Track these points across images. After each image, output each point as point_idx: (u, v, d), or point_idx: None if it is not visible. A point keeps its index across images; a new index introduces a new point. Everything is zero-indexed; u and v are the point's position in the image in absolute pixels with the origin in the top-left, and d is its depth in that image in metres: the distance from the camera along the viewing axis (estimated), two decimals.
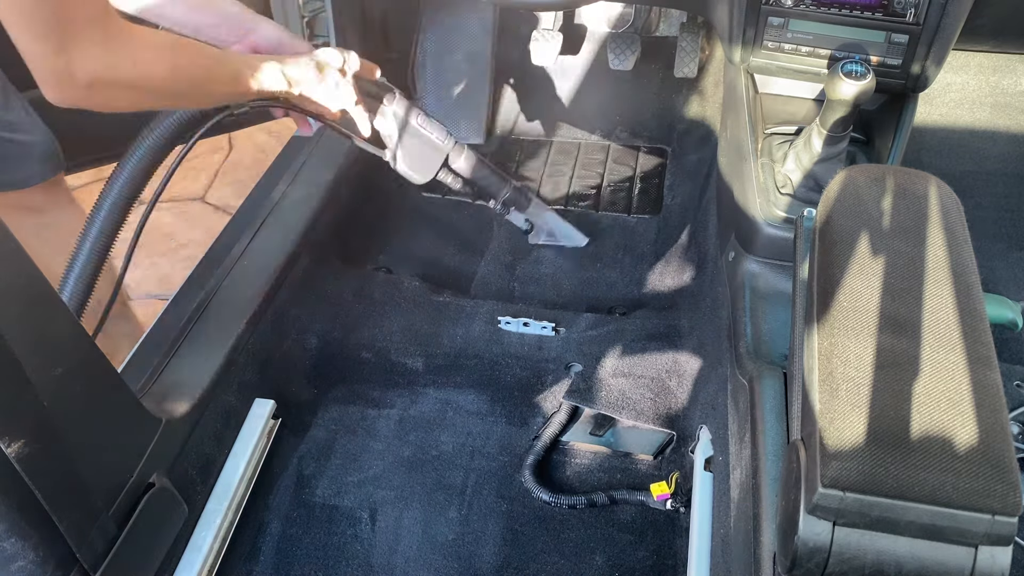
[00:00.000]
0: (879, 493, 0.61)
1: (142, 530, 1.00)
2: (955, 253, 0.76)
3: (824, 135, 1.17)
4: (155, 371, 1.22)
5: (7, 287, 0.77)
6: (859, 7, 1.20)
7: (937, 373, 0.66)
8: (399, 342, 1.52)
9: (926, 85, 1.24)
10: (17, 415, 0.77)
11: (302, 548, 1.26)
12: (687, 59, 1.97)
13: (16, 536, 0.80)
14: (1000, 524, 0.59)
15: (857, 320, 0.71)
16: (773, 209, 1.21)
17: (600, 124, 2.11)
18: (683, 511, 1.26)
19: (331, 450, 1.38)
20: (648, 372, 1.42)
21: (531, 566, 1.23)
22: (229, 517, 1.22)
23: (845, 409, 0.65)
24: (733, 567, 1.00)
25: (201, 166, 2.57)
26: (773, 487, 0.93)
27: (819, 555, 0.62)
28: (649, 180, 1.97)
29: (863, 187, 0.82)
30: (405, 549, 1.25)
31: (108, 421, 0.96)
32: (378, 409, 1.45)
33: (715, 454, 1.20)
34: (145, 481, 1.03)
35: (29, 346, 0.78)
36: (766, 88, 1.39)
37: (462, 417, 1.43)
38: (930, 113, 1.89)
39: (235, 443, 1.29)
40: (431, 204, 1.93)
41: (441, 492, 1.32)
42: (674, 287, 1.65)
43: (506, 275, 1.74)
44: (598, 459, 1.37)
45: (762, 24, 1.25)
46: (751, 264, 1.25)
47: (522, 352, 1.50)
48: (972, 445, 0.62)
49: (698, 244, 1.65)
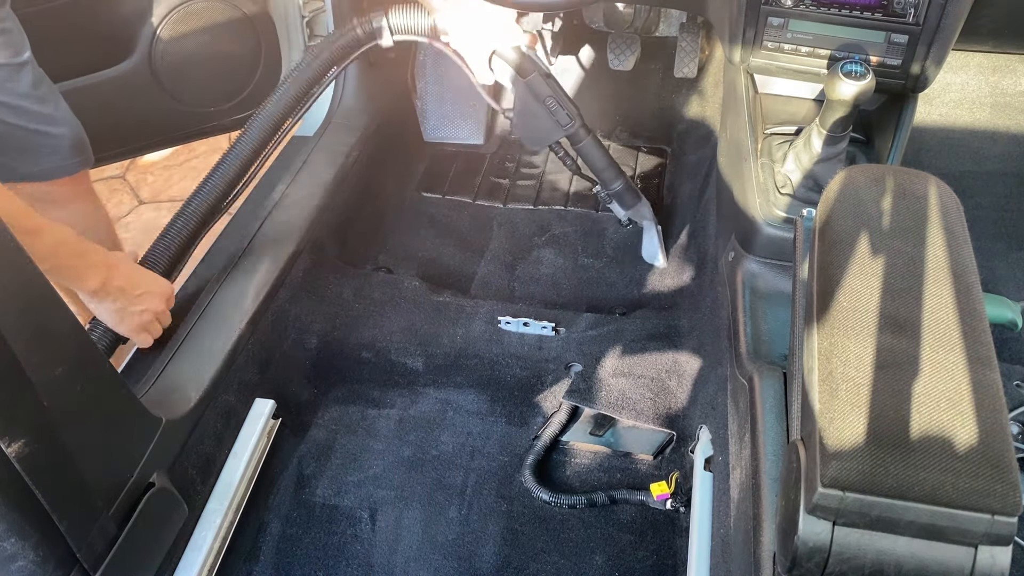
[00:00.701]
0: (879, 493, 0.61)
1: (142, 530, 1.00)
2: (955, 253, 0.76)
3: (824, 135, 1.17)
4: (155, 371, 1.22)
5: (7, 287, 0.77)
6: (859, 7, 1.20)
7: (937, 373, 0.66)
8: (399, 342, 1.52)
9: (926, 85, 1.24)
10: (17, 415, 0.77)
11: (302, 548, 1.26)
12: (687, 59, 1.97)
13: (16, 536, 0.80)
14: (1000, 524, 0.59)
15: (857, 320, 0.71)
16: (773, 209, 1.21)
17: (600, 124, 2.11)
18: (683, 511, 1.26)
19: (331, 450, 1.38)
20: (648, 372, 1.42)
21: (531, 566, 1.23)
22: (229, 517, 1.22)
23: (845, 409, 0.65)
24: (733, 567, 1.00)
25: (201, 166, 2.57)
26: (773, 487, 0.93)
27: (819, 555, 0.62)
28: (649, 180, 1.97)
29: (863, 187, 0.82)
30: (405, 549, 1.25)
31: (108, 421, 0.96)
32: (378, 409, 1.45)
33: (715, 454, 1.20)
34: (145, 481, 1.03)
35: (29, 346, 0.78)
36: (766, 88, 1.39)
37: (462, 417, 1.43)
38: (930, 113, 1.89)
39: (235, 443, 1.29)
40: (431, 204, 1.93)
41: (441, 492, 1.32)
42: (674, 287, 1.65)
43: (506, 275, 1.74)
44: (598, 459, 1.37)
45: (762, 24, 1.25)
46: (751, 264, 1.25)
47: (522, 352, 1.50)
48: (972, 445, 0.62)
49: (698, 244, 1.65)
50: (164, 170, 2.55)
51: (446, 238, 1.84)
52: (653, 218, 1.69)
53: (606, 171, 1.60)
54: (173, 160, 2.58)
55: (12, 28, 1.28)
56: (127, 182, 2.50)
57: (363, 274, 1.67)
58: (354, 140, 1.80)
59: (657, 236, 1.71)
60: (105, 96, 1.65)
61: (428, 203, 1.93)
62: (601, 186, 1.63)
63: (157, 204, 2.43)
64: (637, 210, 1.67)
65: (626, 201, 1.65)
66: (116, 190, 2.46)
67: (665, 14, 2.06)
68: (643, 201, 1.66)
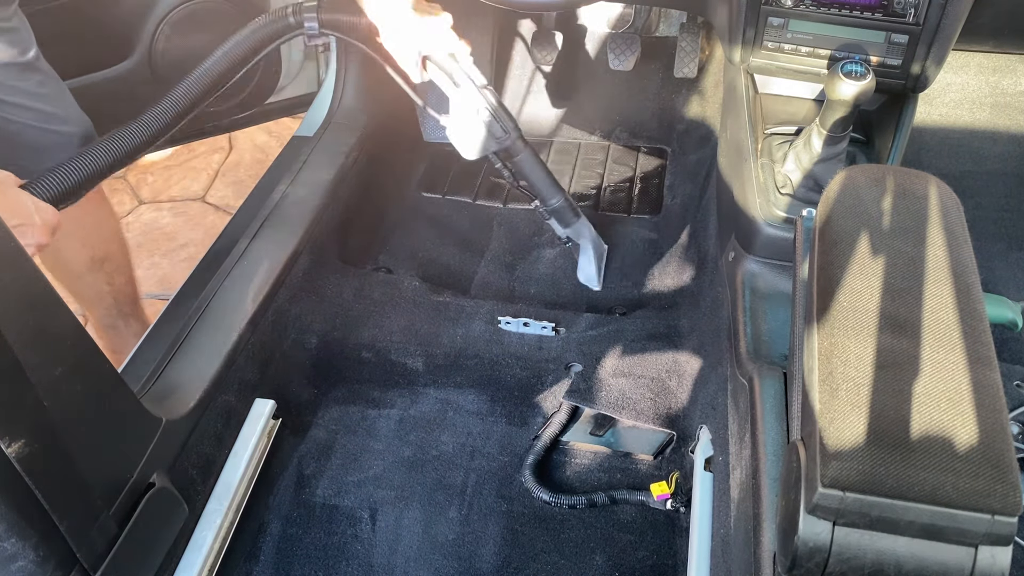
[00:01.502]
0: (879, 493, 0.61)
1: (142, 530, 1.00)
2: (955, 253, 0.76)
3: (824, 135, 1.17)
4: (155, 371, 1.22)
5: (7, 287, 0.77)
6: (859, 7, 1.20)
7: (937, 373, 0.66)
8: (399, 342, 1.52)
9: (926, 85, 1.24)
10: (17, 415, 0.77)
11: (302, 548, 1.26)
12: (687, 59, 1.97)
13: (16, 536, 0.80)
14: (1000, 524, 0.59)
15: (857, 320, 0.71)
16: (773, 209, 1.21)
17: (600, 124, 2.11)
18: (683, 511, 1.26)
19: (331, 450, 1.38)
20: (648, 372, 1.42)
21: (531, 566, 1.23)
22: (229, 517, 1.22)
23: (845, 409, 0.65)
24: (733, 567, 1.00)
25: (201, 166, 2.57)
26: (773, 487, 0.93)
27: (819, 555, 0.62)
28: (649, 180, 1.97)
29: (863, 187, 0.82)
30: (405, 549, 1.25)
31: (108, 421, 0.96)
32: (378, 409, 1.45)
33: (715, 454, 1.20)
34: (145, 481, 1.03)
35: (29, 346, 0.78)
36: (766, 88, 1.39)
37: (462, 417, 1.43)
38: (930, 113, 1.89)
39: (235, 443, 1.29)
40: (431, 204, 1.93)
41: (441, 492, 1.32)
42: (674, 287, 1.65)
43: (506, 275, 1.74)
44: (598, 459, 1.37)
45: (762, 24, 1.25)
46: (751, 264, 1.25)
47: (522, 352, 1.50)
48: (972, 445, 0.62)
49: (698, 244, 1.65)
50: (164, 170, 2.55)
51: (446, 238, 1.84)
52: (592, 237, 1.66)
53: (544, 187, 1.57)
54: (173, 160, 2.58)
55: (19, 27, 1.28)
56: (127, 182, 2.50)
57: (363, 274, 1.67)
58: (354, 140, 1.80)
59: (595, 256, 1.67)
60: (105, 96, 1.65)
61: (428, 203, 1.93)
62: (539, 202, 1.60)
63: (157, 204, 2.42)
64: (576, 229, 1.63)
65: (565, 218, 1.61)
66: (116, 190, 2.46)
67: (665, 14, 2.06)
68: (583, 220, 1.63)
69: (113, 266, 1.67)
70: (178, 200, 2.43)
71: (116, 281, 1.69)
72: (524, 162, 1.53)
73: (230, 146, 2.65)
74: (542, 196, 1.59)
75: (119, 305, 1.72)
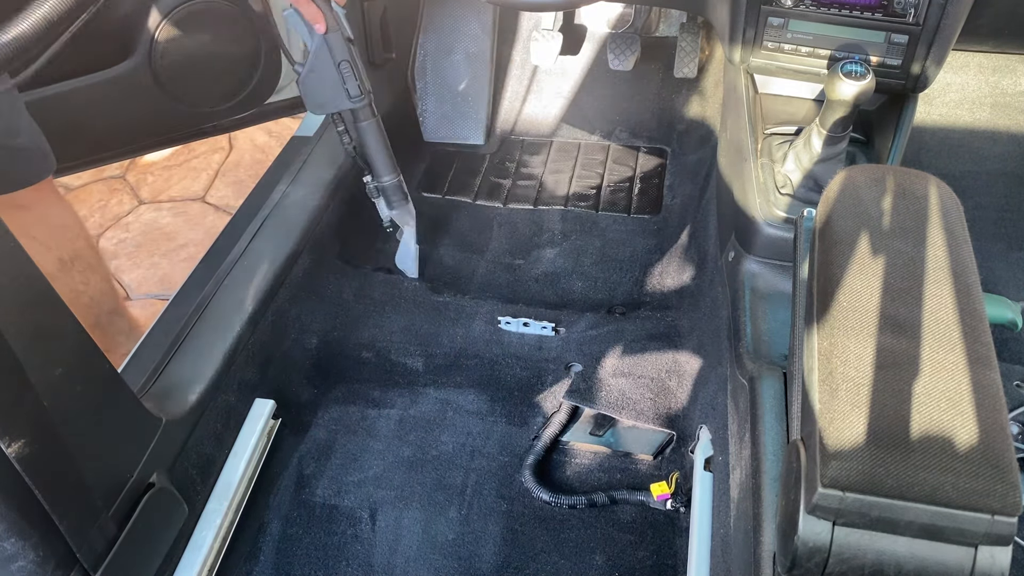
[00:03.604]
0: (879, 493, 0.61)
1: (142, 530, 1.00)
2: (955, 253, 0.76)
3: (824, 135, 1.17)
4: (155, 371, 1.22)
5: (7, 287, 0.77)
6: (859, 7, 1.20)
7: (937, 373, 0.66)
8: (399, 342, 1.52)
9: (926, 85, 1.24)
10: (17, 415, 0.77)
11: (302, 548, 1.26)
12: (687, 59, 1.97)
13: (16, 536, 0.80)
14: (1000, 524, 0.59)
15: (857, 320, 0.71)
16: (773, 209, 1.21)
17: (600, 124, 2.11)
18: (683, 511, 1.26)
19: (331, 450, 1.38)
20: (648, 372, 1.42)
21: (531, 566, 1.23)
22: (229, 517, 1.22)
23: (845, 409, 0.65)
24: (733, 567, 1.00)
25: (201, 166, 2.57)
26: (773, 487, 0.93)
27: (819, 555, 0.62)
28: (649, 180, 1.97)
29: (863, 187, 0.82)
30: (405, 549, 1.25)
31: (108, 421, 0.96)
32: (378, 409, 1.45)
33: (715, 454, 1.20)
34: (145, 481, 1.03)
35: (29, 346, 0.78)
36: (766, 88, 1.39)
37: (462, 417, 1.43)
38: (930, 113, 1.89)
39: (235, 443, 1.29)
40: (431, 204, 1.93)
41: (441, 492, 1.32)
42: (674, 287, 1.65)
43: (506, 275, 1.74)
44: (598, 459, 1.38)
45: (762, 24, 1.25)
46: (751, 264, 1.25)
47: (522, 352, 1.50)
48: (972, 445, 0.62)
49: (698, 244, 1.65)
50: (164, 170, 2.55)
51: (446, 238, 1.84)
52: (414, 226, 1.64)
53: (380, 161, 1.53)
54: (173, 160, 2.58)
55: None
56: (127, 182, 2.50)
57: (363, 274, 1.67)
58: None
59: (414, 245, 1.66)
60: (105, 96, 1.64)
61: (428, 203, 1.93)
62: (372, 176, 1.55)
63: (157, 204, 2.42)
64: (401, 213, 1.61)
65: (392, 199, 1.58)
66: (116, 190, 2.46)
67: (665, 14, 2.06)
68: (410, 206, 1.61)
69: (84, 264, 1.63)
70: (178, 200, 2.43)
71: (91, 280, 1.65)
72: (368, 130, 1.49)
73: (230, 146, 2.65)
74: (376, 170, 1.54)
75: (99, 304, 1.69)
